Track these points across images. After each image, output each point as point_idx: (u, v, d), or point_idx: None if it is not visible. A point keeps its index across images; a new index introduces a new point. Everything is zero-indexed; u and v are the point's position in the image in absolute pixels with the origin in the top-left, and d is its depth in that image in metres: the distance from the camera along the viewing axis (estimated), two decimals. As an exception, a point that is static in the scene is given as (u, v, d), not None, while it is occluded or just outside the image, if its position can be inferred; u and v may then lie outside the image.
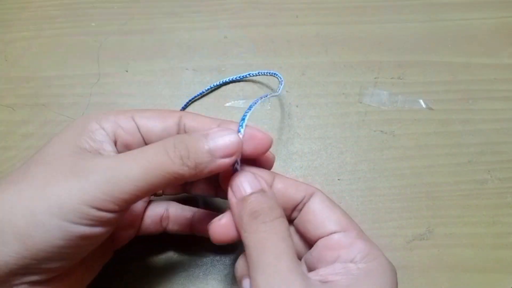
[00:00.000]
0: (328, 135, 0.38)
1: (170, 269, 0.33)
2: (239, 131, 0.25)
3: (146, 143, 0.26)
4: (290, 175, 0.37)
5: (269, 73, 0.38)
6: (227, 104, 0.40)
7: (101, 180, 0.21)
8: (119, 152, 0.25)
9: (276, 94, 0.36)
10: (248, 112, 0.26)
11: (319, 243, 0.25)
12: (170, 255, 0.33)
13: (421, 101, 0.39)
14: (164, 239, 0.32)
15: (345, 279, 0.23)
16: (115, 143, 0.25)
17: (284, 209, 0.26)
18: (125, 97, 0.40)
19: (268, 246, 0.22)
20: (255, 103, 0.27)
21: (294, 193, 0.26)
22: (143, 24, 0.43)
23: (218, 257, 0.33)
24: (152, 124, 0.26)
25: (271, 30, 0.43)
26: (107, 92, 0.40)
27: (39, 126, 0.38)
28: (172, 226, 0.30)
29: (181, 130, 0.26)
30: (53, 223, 0.20)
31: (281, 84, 0.35)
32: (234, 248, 0.34)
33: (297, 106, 0.40)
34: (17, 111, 0.39)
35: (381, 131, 0.39)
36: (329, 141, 0.38)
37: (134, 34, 0.43)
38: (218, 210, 0.33)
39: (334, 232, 0.25)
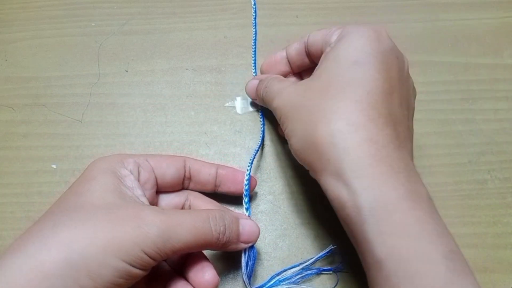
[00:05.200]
0: (328, 135, 0.38)
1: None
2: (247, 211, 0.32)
3: (157, 181, 0.30)
4: (290, 175, 0.37)
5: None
6: (227, 104, 0.40)
7: (158, 236, 0.24)
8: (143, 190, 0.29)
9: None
10: (247, 196, 0.32)
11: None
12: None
13: None
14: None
15: (320, 62, 0.29)
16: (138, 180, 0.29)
17: (300, 62, 0.36)
18: (125, 97, 0.40)
19: (274, 86, 0.33)
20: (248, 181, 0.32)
21: (299, 47, 0.35)
22: (143, 24, 0.43)
23: (218, 259, 0.33)
24: (165, 167, 0.30)
25: (271, 30, 0.43)
26: (107, 92, 0.40)
27: (39, 126, 0.38)
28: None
29: (187, 171, 0.31)
30: (120, 265, 0.23)
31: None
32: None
33: (297, 106, 0.40)
34: (17, 111, 0.39)
35: (381, 131, 0.39)
36: (329, 141, 0.38)
37: (134, 34, 0.43)
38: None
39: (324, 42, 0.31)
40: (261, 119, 0.37)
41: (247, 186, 0.32)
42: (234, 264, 0.33)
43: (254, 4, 0.36)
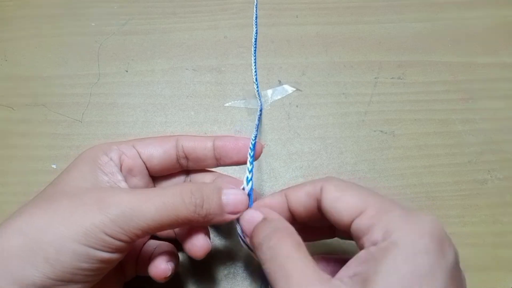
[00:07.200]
0: (328, 135, 0.38)
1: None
2: (247, 181, 0.27)
3: (147, 167, 0.29)
4: (290, 175, 0.37)
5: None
6: (227, 104, 0.40)
7: (119, 215, 0.23)
8: (125, 176, 0.28)
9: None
10: (252, 170, 0.27)
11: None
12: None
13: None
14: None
15: (366, 266, 0.21)
16: (120, 167, 0.28)
17: (309, 217, 0.26)
18: (125, 97, 0.40)
19: (280, 266, 0.22)
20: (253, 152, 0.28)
21: (307, 201, 0.25)
22: (143, 24, 0.43)
23: (217, 258, 0.33)
24: (152, 149, 0.29)
25: (271, 30, 0.43)
26: (107, 92, 0.40)
27: (39, 125, 0.38)
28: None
29: (179, 151, 0.29)
30: (79, 249, 0.22)
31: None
32: (234, 247, 0.34)
33: (297, 106, 0.40)
34: (17, 110, 0.39)
35: (381, 131, 0.39)
36: (329, 141, 0.38)
37: (134, 34, 0.43)
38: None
39: (353, 221, 0.23)
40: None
41: (252, 153, 0.27)
42: (232, 263, 0.33)
43: (256, 4, 0.36)
